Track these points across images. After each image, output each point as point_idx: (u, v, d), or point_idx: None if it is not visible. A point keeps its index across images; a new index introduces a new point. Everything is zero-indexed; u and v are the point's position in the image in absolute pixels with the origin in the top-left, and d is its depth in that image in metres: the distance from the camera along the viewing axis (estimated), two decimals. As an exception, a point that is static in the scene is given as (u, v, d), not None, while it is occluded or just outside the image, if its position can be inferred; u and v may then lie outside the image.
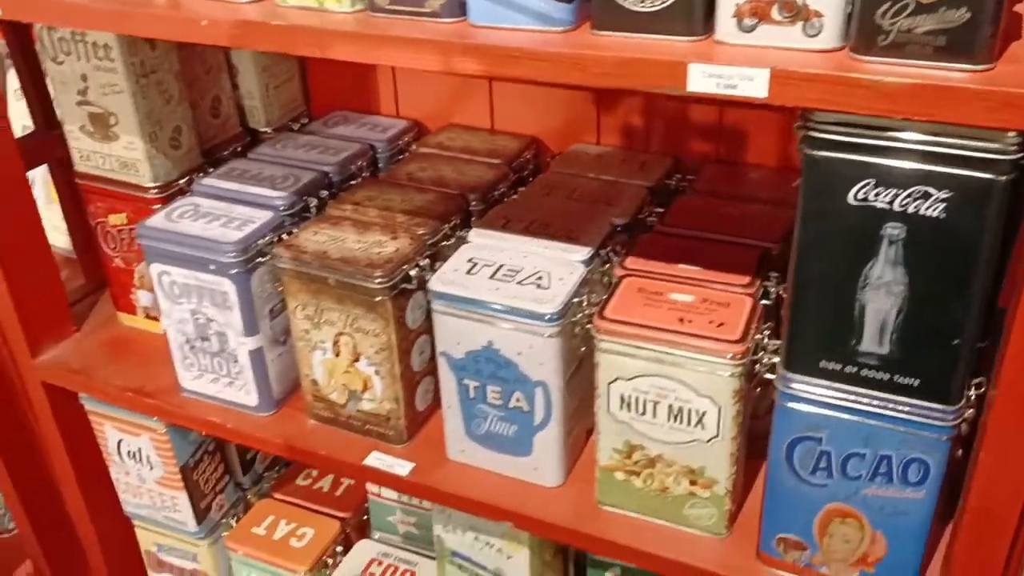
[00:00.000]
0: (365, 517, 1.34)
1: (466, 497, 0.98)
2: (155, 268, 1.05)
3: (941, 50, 0.57)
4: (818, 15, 0.61)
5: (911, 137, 0.62)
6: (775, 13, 0.62)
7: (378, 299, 0.95)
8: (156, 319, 1.25)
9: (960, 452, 0.77)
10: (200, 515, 1.30)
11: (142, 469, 1.27)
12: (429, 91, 1.27)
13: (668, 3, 0.64)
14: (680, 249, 0.93)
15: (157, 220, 1.04)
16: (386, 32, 0.74)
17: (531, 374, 0.91)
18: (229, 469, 1.35)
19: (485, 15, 0.72)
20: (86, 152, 1.14)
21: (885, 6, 0.57)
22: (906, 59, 0.58)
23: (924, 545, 0.80)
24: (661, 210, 1.03)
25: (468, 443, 0.99)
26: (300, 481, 1.39)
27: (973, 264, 0.64)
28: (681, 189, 1.08)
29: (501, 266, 0.93)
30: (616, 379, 0.86)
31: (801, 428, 0.78)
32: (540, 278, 0.91)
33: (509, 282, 0.91)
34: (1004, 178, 0.60)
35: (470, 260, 0.95)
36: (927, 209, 0.63)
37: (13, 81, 1.31)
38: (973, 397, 0.73)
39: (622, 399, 0.87)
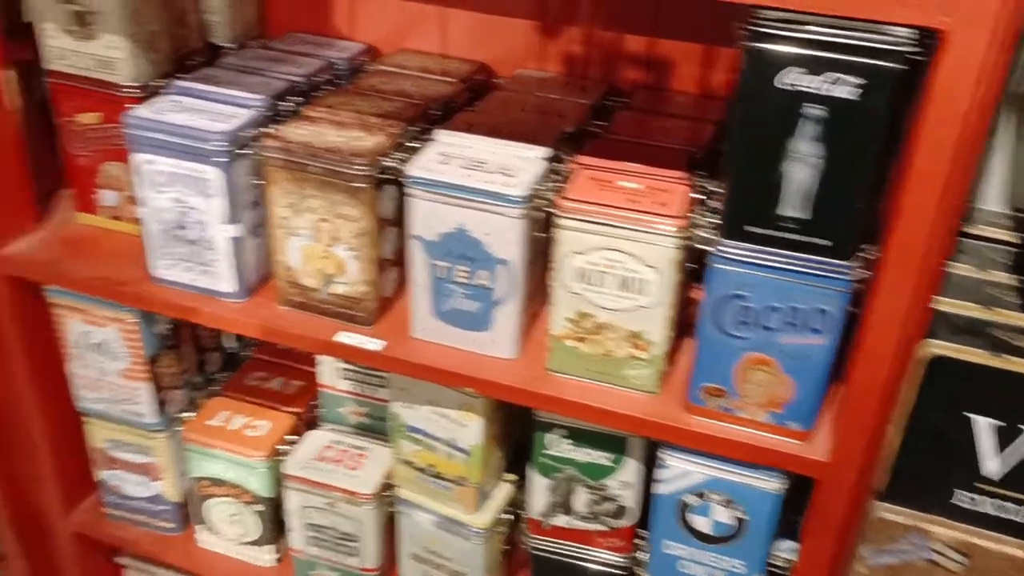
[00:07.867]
0: (314, 413, 1.44)
1: (432, 367, 1.11)
2: (139, 157, 1.12)
3: (859, -40, 0.74)
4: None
5: (831, 31, 0.78)
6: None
7: (359, 185, 1.06)
8: (119, 219, 1.31)
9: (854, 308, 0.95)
10: (159, 408, 1.37)
11: (105, 362, 1.33)
12: (384, 17, 1.38)
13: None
14: (624, 151, 1.08)
15: (143, 111, 1.12)
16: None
17: (496, 253, 1.04)
18: (185, 368, 1.42)
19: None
20: (63, 51, 1.19)
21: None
22: (832, -32, 0.74)
23: (824, 386, 0.98)
24: (603, 123, 1.18)
25: (433, 321, 1.12)
26: (250, 382, 1.48)
27: (874, 139, 0.81)
28: (618, 108, 1.23)
29: (470, 159, 1.06)
30: (573, 253, 1.00)
31: (730, 287, 0.94)
32: (506, 169, 1.04)
33: (479, 171, 1.04)
34: (900, 67, 0.77)
35: (441, 153, 1.07)
36: (841, 92, 0.80)
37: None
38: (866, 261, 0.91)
39: (577, 272, 1.01)
